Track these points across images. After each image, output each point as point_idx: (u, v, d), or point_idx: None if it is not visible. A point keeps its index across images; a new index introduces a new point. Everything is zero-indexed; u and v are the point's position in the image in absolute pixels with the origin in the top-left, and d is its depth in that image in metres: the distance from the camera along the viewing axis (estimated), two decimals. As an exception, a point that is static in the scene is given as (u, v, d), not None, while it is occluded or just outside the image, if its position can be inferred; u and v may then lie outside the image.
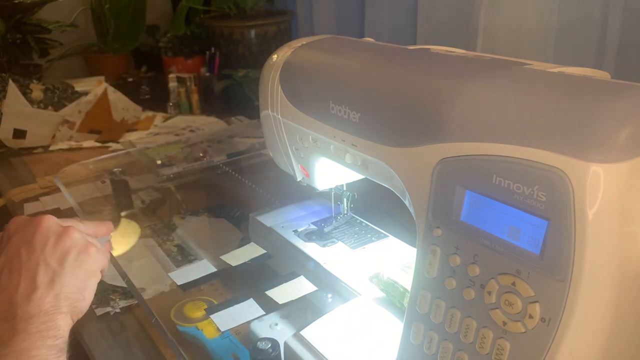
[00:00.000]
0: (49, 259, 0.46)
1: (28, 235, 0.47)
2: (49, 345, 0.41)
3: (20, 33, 1.56)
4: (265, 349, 0.56)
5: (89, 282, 0.48)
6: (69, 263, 0.47)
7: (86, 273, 0.48)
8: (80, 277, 0.47)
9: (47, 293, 0.44)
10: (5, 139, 1.28)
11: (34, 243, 0.47)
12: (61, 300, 0.45)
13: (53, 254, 0.46)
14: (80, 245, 0.48)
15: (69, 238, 0.48)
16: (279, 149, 0.68)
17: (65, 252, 0.47)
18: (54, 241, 0.47)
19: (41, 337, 0.42)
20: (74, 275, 0.47)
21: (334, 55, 0.59)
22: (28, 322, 0.42)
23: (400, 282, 0.60)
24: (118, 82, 1.61)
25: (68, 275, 0.46)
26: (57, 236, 0.48)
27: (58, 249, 0.47)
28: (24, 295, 0.43)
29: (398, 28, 1.27)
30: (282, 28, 1.51)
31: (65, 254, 0.47)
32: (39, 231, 0.47)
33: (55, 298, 0.44)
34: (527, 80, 0.41)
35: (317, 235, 0.73)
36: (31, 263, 0.45)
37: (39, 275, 0.45)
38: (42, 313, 0.43)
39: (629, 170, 0.33)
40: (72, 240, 0.48)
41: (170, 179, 1.07)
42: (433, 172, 0.42)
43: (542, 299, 0.36)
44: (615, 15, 0.87)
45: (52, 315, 0.43)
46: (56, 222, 0.49)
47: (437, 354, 0.43)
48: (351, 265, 0.67)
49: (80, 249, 0.48)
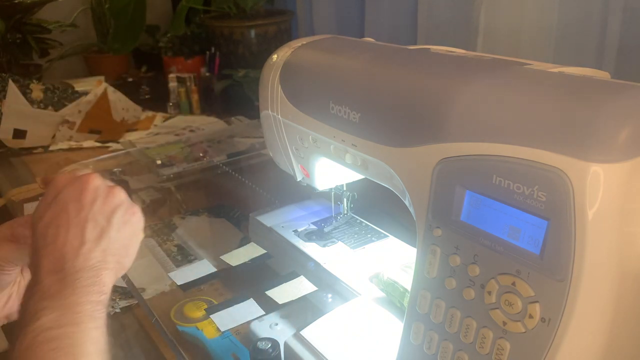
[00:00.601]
0: (98, 216, 0.46)
1: (76, 193, 0.48)
2: (93, 301, 0.42)
3: (20, 33, 1.56)
4: (265, 349, 0.56)
5: (133, 240, 0.49)
6: (116, 220, 0.47)
7: (132, 231, 0.49)
8: (127, 234, 0.48)
9: (95, 248, 0.45)
10: (5, 139, 1.28)
11: (82, 200, 0.47)
12: (108, 255, 0.45)
13: (101, 211, 0.47)
14: (127, 204, 0.49)
15: (116, 197, 0.49)
16: (279, 149, 0.68)
17: (112, 209, 0.48)
18: (102, 199, 0.48)
19: (87, 293, 0.42)
20: (121, 232, 0.47)
21: (334, 55, 0.59)
22: (75, 276, 0.42)
23: (400, 282, 0.60)
24: (118, 82, 1.61)
25: (115, 232, 0.47)
26: (105, 194, 0.48)
27: (106, 207, 0.47)
28: (72, 249, 0.44)
29: (398, 28, 1.27)
30: (282, 28, 1.51)
31: (112, 211, 0.48)
32: (87, 189, 0.48)
33: (103, 253, 0.45)
34: (527, 80, 0.41)
35: (317, 235, 0.73)
36: (80, 219, 0.46)
37: (88, 230, 0.45)
38: (88, 267, 0.44)
39: (629, 170, 0.33)
40: (119, 199, 0.49)
41: (170, 179, 1.07)
42: (433, 172, 0.42)
43: (542, 299, 0.36)
44: (615, 15, 0.87)
45: (98, 271, 0.44)
46: (103, 181, 0.50)
47: (437, 354, 0.43)
48: (351, 265, 0.67)
49: (126, 208, 0.49)
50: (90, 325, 0.40)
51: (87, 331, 0.40)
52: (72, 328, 0.39)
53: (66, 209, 0.47)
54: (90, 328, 0.40)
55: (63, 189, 0.48)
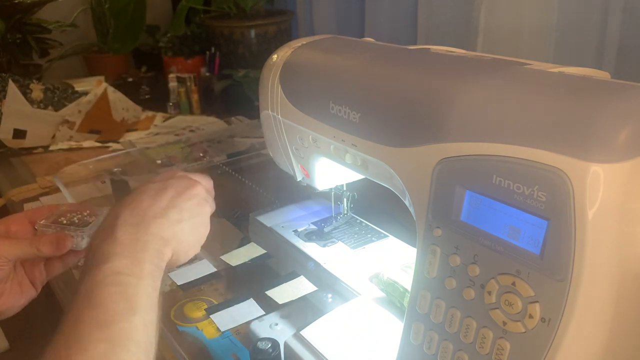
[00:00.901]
0: (184, 211, 0.51)
1: (182, 186, 0.53)
2: (155, 263, 0.46)
3: (20, 33, 1.56)
4: (265, 349, 0.56)
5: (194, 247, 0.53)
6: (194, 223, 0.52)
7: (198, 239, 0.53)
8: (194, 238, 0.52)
9: (170, 227, 0.49)
10: (5, 139, 1.28)
11: (182, 193, 0.52)
12: (175, 239, 0.49)
13: (189, 210, 0.51)
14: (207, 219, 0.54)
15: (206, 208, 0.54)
16: (279, 149, 0.68)
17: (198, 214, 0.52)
18: (196, 203, 0.53)
19: (152, 255, 0.46)
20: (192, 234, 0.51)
21: (334, 55, 0.59)
22: (147, 237, 0.47)
23: (400, 282, 0.60)
24: (118, 82, 1.62)
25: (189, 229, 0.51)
26: (201, 202, 0.53)
27: (195, 209, 0.52)
28: (153, 215, 0.49)
29: (398, 28, 1.27)
30: (282, 28, 1.51)
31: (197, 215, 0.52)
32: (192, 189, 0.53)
33: (172, 234, 0.49)
34: (527, 80, 0.41)
35: (317, 235, 0.73)
36: (170, 201, 0.51)
37: (171, 211, 0.50)
38: (159, 236, 0.48)
39: (629, 170, 0.33)
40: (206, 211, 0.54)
41: (170, 179, 1.07)
42: (433, 172, 0.42)
43: (542, 299, 0.36)
44: (615, 15, 0.87)
45: (165, 243, 0.48)
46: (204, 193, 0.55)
47: (437, 354, 0.43)
48: (351, 265, 0.67)
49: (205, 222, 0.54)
50: (149, 282, 0.44)
51: (145, 286, 0.44)
52: (136, 280, 0.43)
53: (166, 189, 0.52)
54: (148, 284, 0.44)
55: (177, 178, 0.54)
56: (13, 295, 0.56)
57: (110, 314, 0.40)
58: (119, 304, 0.41)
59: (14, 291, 0.56)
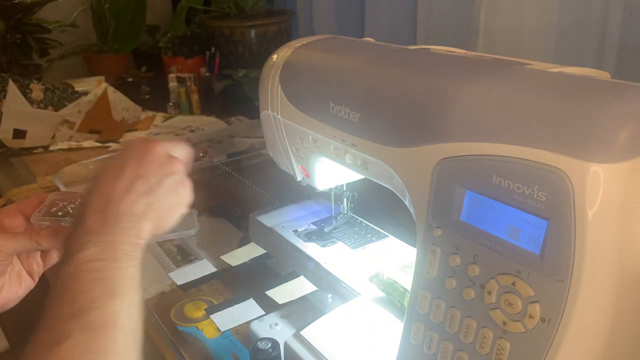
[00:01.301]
0: (151, 177, 0.50)
1: (139, 152, 0.51)
2: (131, 242, 0.45)
3: (20, 33, 1.56)
4: (265, 349, 0.56)
5: (176, 208, 0.52)
6: (166, 184, 0.50)
7: (177, 200, 0.52)
8: (172, 200, 0.51)
9: (140, 200, 0.48)
10: (5, 139, 1.28)
11: (141, 159, 0.51)
12: (150, 210, 0.48)
13: (155, 173, 0.50)
14: (180, 176, 0.53)
15: (173, 166, 0.52)
16: (279, 149, 0.68)
17: (165, 174, 0.51)
18: (160, 163, 0.51)
19: (126, 234, 0.45)
20: (167, 196, 0.50)
21: (334, 55, 0.59)
22: (117, 218, 0.46)
23: (400, 282, 0.60)
24: (118, 82, 1.62)
25: (162, 194, 0.50)
26: (164, 161, 0.52)
27: (161, 171, 0.51)
28: (118, 195, 0.47)
29: (398, 28, 1.27)
30: (282, 28, 1.51)
31: (165, 176, 0.51)
32: (150, 151, 0.51)
33: (146, 207, 0.48)
34: (527, 80, 0.41)
35: (317, 235, 0.73)
36: (134, 173, 0.49)
37: (137, 183, 0.48)
38: (130, 213, 0.47)
39: (629, 170, 0.33)
40: (174, 169, 0.52)
41: (171, 179, 1.07)
42: (433, 172, 0.42)
43: (542, 299, 0.36)
44: (615, 15, 0.87)
45: (138, 218, 0.47)
46: (166, 151, 0.53)
47: (437, 354, 0.43)
48: (351, 265, 0.67)
49: (179, 179, 0.52)
50: (126, 263, 0.44)
51: (123, 268, 0.43)
52: (111, 263, 0.43)
53: (126, 163, 0.50)
54: (126, 266, 0.43)
55: (132, 146, 0.53)
56: (12, 287, 0.56)
57: (88, 301, 0.40)
58: (95, 290, 0.41)
59: (13, 284, 0.56)
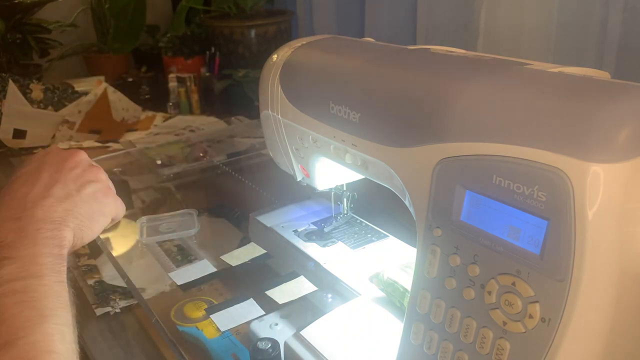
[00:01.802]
0: (70, 183, 0.46)
1: (58, 160, 0.47)
2: (55, 253, 0.40)
3: (20, 33, 1.56)
4: (265, 349, 0.56)
5: (99, 218, 0.48)
6: (87, 193, 0.46)
7: (99, 208, 0.48)
8: (94, 208, 0.47)
9: (58, 205, 0.44)
10: (5, 139, 1.28)
11: (61, 166, 0.47)
12: (70, 216, 0.44)
13: (75, 180, 0.46)
14: (103, 186, 0.49)
15: (95, 174, 0.48)
16: (279, 149, 0.68)
17: (86, 182, 0.47)
18: (81, 171, 0.47)
19: (47, 245, 0.40)
20: (87, 204, 0.46)
21: (334, 55, 0.59)
22: (36, 226, 0.41)
23: (400, 282, 0.60)
24: (118, 82, 1.61)
25: (82, 201, 0.46)
26: (85, 169, 0.48)
27: (81, 178, 0.47)
28: (34, 199, 0.43)
29: (398, 28, 1.27)
30: (282, 28, 1.51)
31: (86, 183, 0.47)
32: (70, 159, 0.48)
33: (65, 212, 0.44)
34: (527, 80, 0.41)
35: (317, 235, 0.73)
36: (51, 178, 0.45)
37: (55, 188, 0.44)
38: (49, 220, 0.42)
39: (629, 170, 0.33)
40: (96, 177, 0.48)
41: (170, 179, 1.07)
42: (433, 172, 0.42)
43: (542, 299, 0.36)
44: (615, 15, 0.87)
45: (58, 225, 0.42)
46: (88, 159, 0.49)
47: (437, 354, 0.43)
48: (351, 265, 0.67)
49: (101, 188, 0.48)
50: (52, 278, 0.39)
51: (50, 285, 0.38)
52: (35, 281, 0.38)
53: (41, 168, 0.46)
54: (53, 281, 0.38)
55: (46, 155, 0.48)
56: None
57: (14, 329, 0.35)
58: (21, 315, 0.35)
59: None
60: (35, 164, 0.47)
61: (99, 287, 0.75)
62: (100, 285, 0.75)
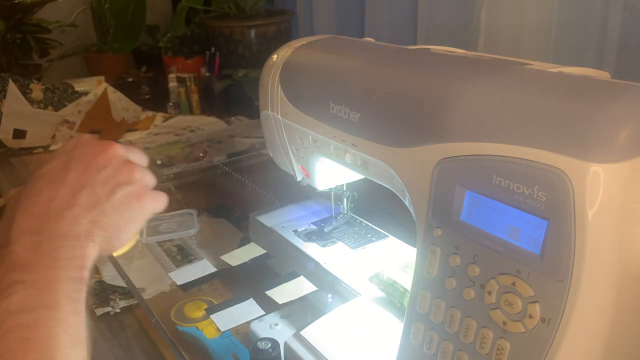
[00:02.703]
0: (99, 186, 0.40)
1: (89, 154, 0.41)
2: (74, 277, 0.36)
3: (20, 33, 1.56)
4: (265, 349, 0.56)
5: (129, 227, 0.42)
6: (118, 197, 0.41)
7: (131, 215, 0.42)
8: (124, 216, 0.41)
9: (84, 215, 0.38)
10: (5, 139, 1.28)
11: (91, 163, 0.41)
12: (96, 229, 0.39)
13: (105, 182, 0.41)
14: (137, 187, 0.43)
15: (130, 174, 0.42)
16: (279, 149, 0.68)
17: (118, 184, 0.41)
18: (113, 170, 0.41)
19: (68, 267, 0.36)
20: (117, 211, 0.41)
21: (334, 55, 0.59)
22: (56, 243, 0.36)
23: (400, 282, 0.60)
24: (118, 82, 1.61)
25: (111, 209, 0.40)
26: (119, 167, 0.42)
27: (113, 179, 0.41)
28: (57, 209, 0.37)
29: (398, 28, 1.27)
30: (282, 28, 1.51)
31: (117, 186, 0.41)
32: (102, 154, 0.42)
33: (91, 224, 0.38)
34: (527, 80, 0.41)
35: (317, 235, 0.73)
36: (78, 180, 0.39)
37: (82, 194, 0.39)
38: (73, 235, 0.37)
39: (629, 170, 0.33)
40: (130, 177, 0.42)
41: (170, 179, 1.07)
42: (433, 172, 0.42)
43: (542, 299, 0.36)
44: (615, 15, 0.87)
45: (83, 241, 0.37)
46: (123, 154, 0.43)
47: (437, 354, 0.43)
48: (351, 265, 0.67)
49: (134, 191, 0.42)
50: (68, 309, 0.34)
51: (64, 318, 0.33)
52: (48, 313, 0.33)
53: (69, 166, 0.40)
54: (68, 313, 0.34)
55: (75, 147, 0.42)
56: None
57: None
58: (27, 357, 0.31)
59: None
60: (62, 159, 0.41)
61: (99, 287, 0.75)
62: (100, 285, 0.75)
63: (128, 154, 0.44)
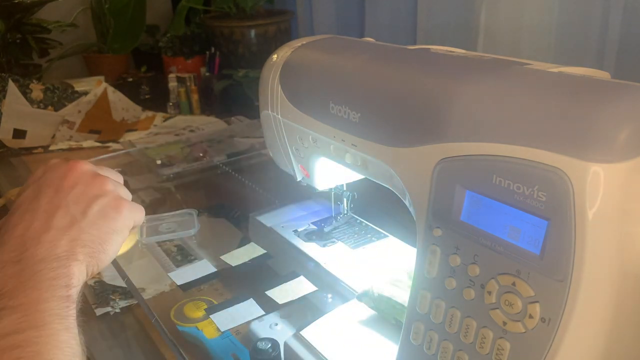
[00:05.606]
0: (72, 205, 0.41)
1: (58, 177, 0.43)
2: (59, 296, 0.36)
3: (20, 33, 1.56)
4: (265, 349, 0.56)
5: (112, 236, 0.42)
6: (93, 211, 0.41)
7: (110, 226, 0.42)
8: (104, 228, 0.42)
9: (62, 236, 0.39)
10: (5, 139, 1.28)
11: (61, 185, 0.42)
12: (77, 247, 0.39)
13: (77, 200, 0.41)
14: (111, 198, 0.43)
15: (100, 187, 0.43)
16: (279, 149, 0.68)
17: (91, 199, 0.42)
18: (83, 186, 0.42)
19: (51, 287, 0.36)
20: (96, 225, 0.41)
21: (334, 55, 0.59)
22: (37, 267, 0.37)
23: (394, 298, 0.57)
24: (118, 82, 1.61)
25: (89, 225, 0.41)
26: (88, 182, 0.43)
27: (84, 196, 0.42)
28: (34, 235, 0.38)
29: (398, 28, 1.27)
30: (282, 28, 1.51)
31: (91, 201, 0.42)
32: (70, 174, 0.43)
33: (71, 243, 0.39)
34: (527, 80, 0.41)
35: (317, 235, 0.73)
36: (52, 204, 0.40)
37: (56, 217, 0.40)
38: (53, 257, 0.38)
39: (629, 170, 0.33)
40: (101, 190, 0.43)
41: (170, 179, 1.07)
42: (433, 172, 0.42)
43: (542, 299, 0.36)
44: (615, 15, 0.87)
45: (64, 261, 0.38)
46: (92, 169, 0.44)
47: (437, 354, 0.43)
48: (351, 265, 0.67)
49: (110, 202, 0.43)
50: (57, 326, 0.35)
51: (54, 334, 0.34)
52: (37, 332, 0.34)
53: (41, 193, 0.41)
54: (58, 330, 0.34)
55: (45, 173, 0.44)
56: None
57: None
58: None
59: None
60: (33, 187, 0.42)
61: (98, 287, 0.75)
62: (100, 285, 0.75)
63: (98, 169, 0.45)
